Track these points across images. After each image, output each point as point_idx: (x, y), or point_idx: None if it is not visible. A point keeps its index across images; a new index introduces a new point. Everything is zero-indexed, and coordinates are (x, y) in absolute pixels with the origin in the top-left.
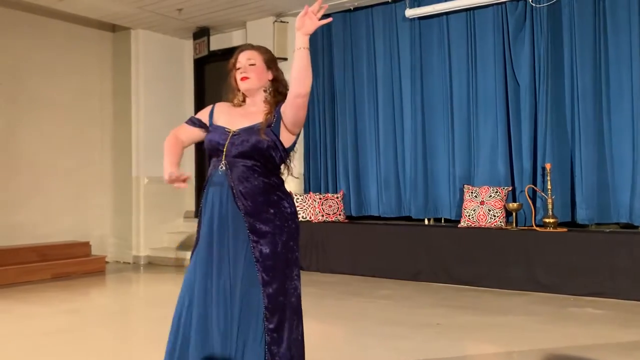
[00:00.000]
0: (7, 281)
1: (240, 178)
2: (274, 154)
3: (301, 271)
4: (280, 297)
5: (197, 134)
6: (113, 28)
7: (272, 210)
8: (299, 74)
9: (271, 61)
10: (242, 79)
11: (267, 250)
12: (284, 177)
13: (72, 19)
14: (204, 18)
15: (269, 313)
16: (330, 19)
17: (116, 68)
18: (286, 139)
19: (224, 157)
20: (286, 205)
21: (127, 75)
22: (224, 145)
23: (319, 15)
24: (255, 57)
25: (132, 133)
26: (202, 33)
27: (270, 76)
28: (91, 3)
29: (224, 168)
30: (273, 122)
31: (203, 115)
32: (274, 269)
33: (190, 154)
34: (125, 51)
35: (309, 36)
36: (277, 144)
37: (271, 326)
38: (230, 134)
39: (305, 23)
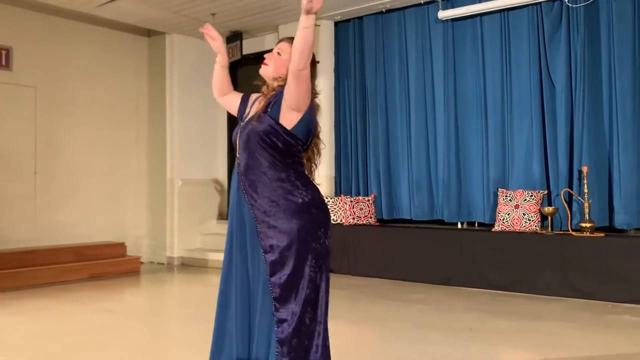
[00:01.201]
0: (46, 280)
1: (247, 170)
2: (275, 140)
3: (332, 274)
4: (288, 288)
5: (234, 98)
6: (149, 33)
7: (278, 202)
8: (304, 48)
9: None
10: (262, 63)
11: (275, 242)
12: (313, 169)
13: (110, 25)
14: (237, 22)
15: (278, 303)
16: None
17: (151, 72)
18: (288, 120)
19: (238, 150)
20: (296, 195)
21: (162, 78)
22: (236, 139)
23: None
24: (285, 50)
25: (167, 135)
26: (235, 37)
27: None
28: (128, 9)
29: (237, 161)
30: (270, 106)
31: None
32: (282, 261)
33: (223, 157)
34: (160, 55)
35: (314, 16)
36: (275, 127)
37: (281, 317)
38: (240, 128)
39: (314, 3)
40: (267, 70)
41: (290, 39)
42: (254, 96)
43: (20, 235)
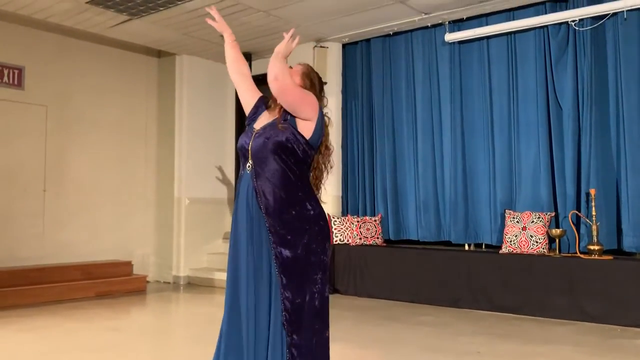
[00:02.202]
0: (53, 298)
1: (262, 177)
2: (296, 148)
3: (338, 295)
4: (299, 299)
5: (250, 93)
6: (159, 54)
7: (293, 211)
8: (270, 67)
9: (306, 74)
10: None
11: (287, 253)
12: (322, 183)
13: (121, 45)
14: (246, 44)
15: (288, 314)
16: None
17: (161, 92)
18: (304, 127)
19: (249, 156)
20: (309, 207)
21: (172, 98)
22: (249, 144)
23: (295, 43)
24: (297, 67)
25: (175, 154)
26: (244, 58)
27: (298, 81)
28: (139, 30)
29: (249, 167)
30: (288, 115)
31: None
32: (294, 271)
33: (231, 177)
34: (170, 75)
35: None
36: (296, 135)
37: (290, 328)
38: (254, 134)
39: (286, 48)
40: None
41: (305, 64)
42: (256, 100)
43: (28, 252)
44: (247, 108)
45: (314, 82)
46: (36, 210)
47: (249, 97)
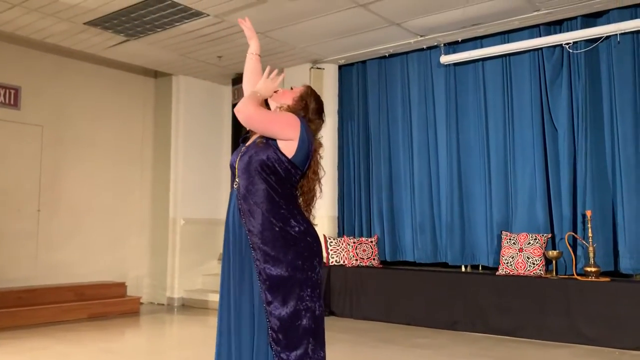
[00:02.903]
0: (45, 320)
1: (246, 196)
2: (277, 166)
3: (334, 317)
4: (286, 317)
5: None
6: (155, 74)
7: (276, 228)
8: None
9: (301, 96)
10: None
11: (271, 270)
12: (312, 207)
13: (117, 66)
14: (243, 65)
15: (274, 333)
16: (282, 75)
17: (157, 112)
18: (285, 147)
19: (236, 175)
20: (293, 223)
21: (168, 119)
22: (236, 162)
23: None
24: (296, 89)
25: (171, 175)
26: (241, 79)
27: (290, 102)
28: (136, 51)
29: (236, 185)
30: None
31: None
32: (278, 289)
33: (226, 198)
34: (166, 96)
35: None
36: (277, 153)
37: (277, 347)
38: (241, 152)
39: (265, 87)
40: (270, 99)
41: (306, 86)
42: None
43: (21, 273)
44: None
45: (308, 105)
46: (30, 230)
47: None
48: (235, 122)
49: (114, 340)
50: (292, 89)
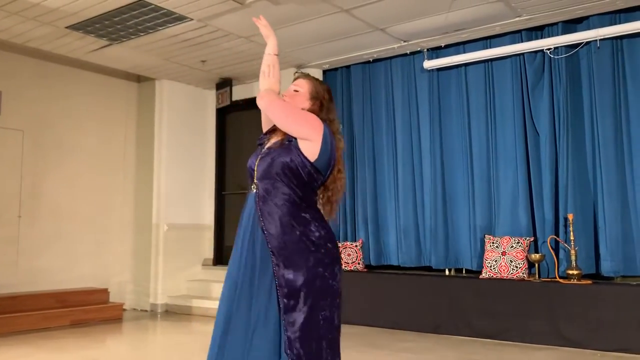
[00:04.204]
0: (26, 327)
1: (265, 198)
2: (300, 170)
3: None
4: (304, 326)
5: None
6: (138, 78)
7: (297, 232)
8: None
9: (316, 92)
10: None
11: (290, 276)
12: (333, 209)
13: (100, 70)
14: (226, 69)
15: (290, 342)
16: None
17: (140, 116)
18: (307, 149)
19: (255, 177)
20: (313, 229)
21: (151, 123)
22: (255, 165)
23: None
24: (302, 85)
25: (154, 180)
26: (224, 84)
27: (307, 105)
28: (119, 55)
29: (254, 189)
30: (293, 137)
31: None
32: (298, 296)
33: (210, 203)
34: (149, 100)
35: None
36: (300, 156)
37: (293, 356)
38: (261, 154)
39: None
40: None
41: (306, 75)
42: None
43: (1, 280)
44: (265, 125)
45: (323, 104)
46: (11, 236)
47: (269, 123)
48: (220, 126)
49: (97, 347)
50: (296, 91)
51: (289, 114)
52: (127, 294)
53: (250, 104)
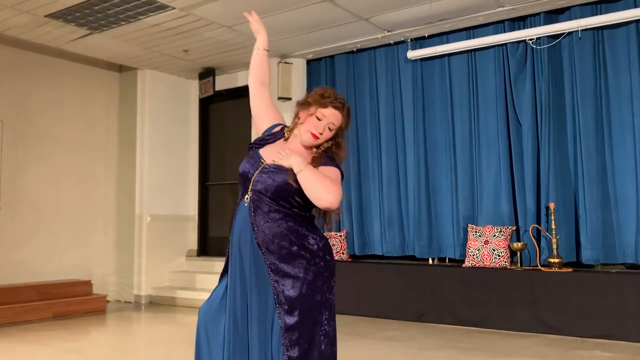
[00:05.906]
0: (8, 320)
1: (262, 212)
2: (300, 199)
3: None
4: (305, 343)
5: (267, 113)
6: (120, 68)
7: (294, 248)
8: (318, 190)
9: (343, 130)
10: (313, 135)
11: (291, 292)
12: (328, 221)
13: (81, 59)
14: (209, 59)
15: None
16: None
17: (122, 107)
18: None
19: (250, 188)
20: (312, 241)
21: (133, 114)
22: (252, 175)
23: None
24: (337, 123)
25: (137, 171)
26: (207, 73)
27: (330, 137)
28: (100, 45)
29: (247, 200)
30: (316, 165)
31: (269, 118)
32: (298, 312)
33: (194, 193)
34: (131, 90)
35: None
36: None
37: None
38: (262, 166)
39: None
40: (315, 143)
41: (342, 105)
42: (278, 129)
43: None
44: (260, 120)
45: (340, 144)
46: None
47: (265, 110)
48: (203, 116)
49: (80, 340)
50: (330, 130)
51: (339, 190)
52: (110, 285)
53: (234, 94)
